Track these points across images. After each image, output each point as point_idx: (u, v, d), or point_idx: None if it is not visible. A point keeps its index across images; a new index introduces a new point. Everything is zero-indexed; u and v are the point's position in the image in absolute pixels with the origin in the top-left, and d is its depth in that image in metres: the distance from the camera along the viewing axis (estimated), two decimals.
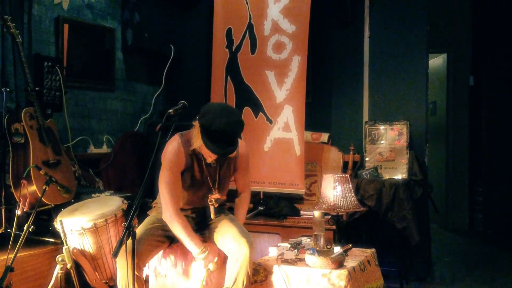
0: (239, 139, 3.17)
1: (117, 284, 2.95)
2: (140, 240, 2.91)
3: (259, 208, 4.66)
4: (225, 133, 2.88)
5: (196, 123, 2.99)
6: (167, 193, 3.03)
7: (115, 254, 2.38)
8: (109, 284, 3.40)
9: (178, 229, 3.02)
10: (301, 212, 4.59)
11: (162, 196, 3.06)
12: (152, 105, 5.41)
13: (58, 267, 3.22)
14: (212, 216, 3.21)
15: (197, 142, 2.98)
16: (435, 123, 7.28)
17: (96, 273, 3.33)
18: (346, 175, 3.80)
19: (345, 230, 4.12)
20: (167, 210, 3.04)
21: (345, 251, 3.14)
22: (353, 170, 4.71)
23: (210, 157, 3.08)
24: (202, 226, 3.24)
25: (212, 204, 3.19)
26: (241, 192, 3.44)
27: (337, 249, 3.13)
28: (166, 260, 3.25)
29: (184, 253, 3.22)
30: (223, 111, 2.92)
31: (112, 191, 4.12)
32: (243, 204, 3.43)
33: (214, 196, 3.19)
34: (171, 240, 3.19)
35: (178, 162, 3.05)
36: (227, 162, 3.20)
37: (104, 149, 4.86)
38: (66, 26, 4.46)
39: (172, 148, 3.04)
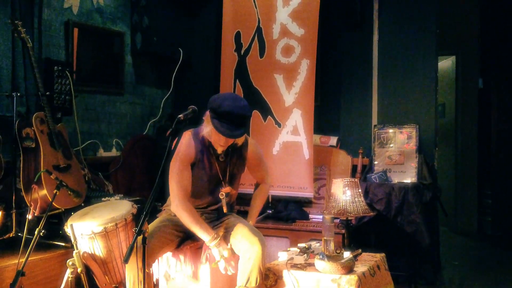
0: (249, 138, 3.28)
1: (126, 280, 2.99)
2: (150, 236, 2.96)
3: (268, 211, 4.67)
4: (233, 114, 2.96)
5: (206, 116, 3.06)
6: (175, 183, 3.10)
7: (126, 260, 2.39)
8: None
9: (186, 218, 3.08)
10: (310, 215, 4.60)
11: (171, 187, 3.13)
12: (161, 109, 5.43)
13: (68, 271, 3.23)
14: (224, 209, 3.24)
15: (207, 128, 3.07)
16: (444, 125, 7.25)
17: (106, 277, 3.34)
18: (356, 180, 3.80)
19: (354, 234, 4.11)
20: (175, 200, 3.10)
21: (355, 256, 3.14)
22: (362, 174, 4.69)
23: (219, 145, 3.12)
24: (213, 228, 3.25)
25: (223, 198, 3.23)
26: (259, 183, 3.49)
27: (347, 254, 3.13)
28: (176, 262, 3.26)
29: (194, 255, 3.23)
30: (231, 96, 3.17)
31: (122, 195, 4.14)
32: (261, 194, 3.47)
33: (225, 189, 3.23)
34: (180, 240, 3.23)
35: (188, 153, 3.12)
36: (236, 156, 3.25)
37: (114, 152, 4.88)
38: (76, 30, 4.48)
39: (183, 140, 3.12)
